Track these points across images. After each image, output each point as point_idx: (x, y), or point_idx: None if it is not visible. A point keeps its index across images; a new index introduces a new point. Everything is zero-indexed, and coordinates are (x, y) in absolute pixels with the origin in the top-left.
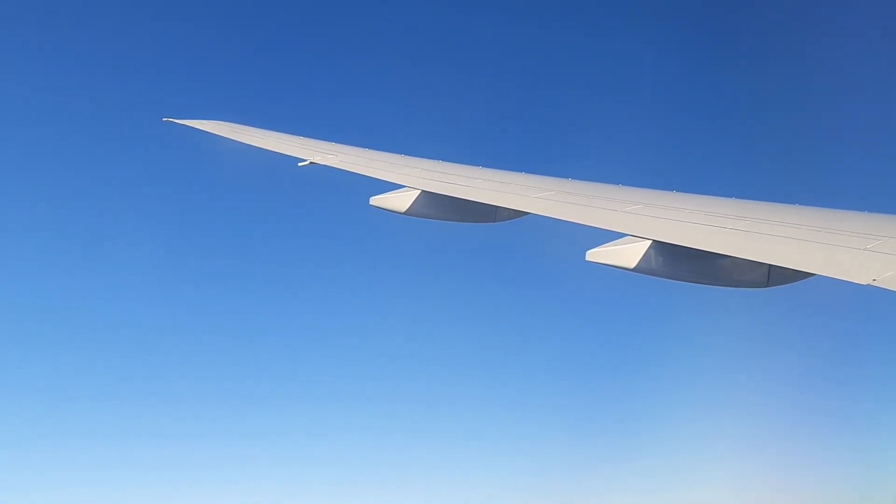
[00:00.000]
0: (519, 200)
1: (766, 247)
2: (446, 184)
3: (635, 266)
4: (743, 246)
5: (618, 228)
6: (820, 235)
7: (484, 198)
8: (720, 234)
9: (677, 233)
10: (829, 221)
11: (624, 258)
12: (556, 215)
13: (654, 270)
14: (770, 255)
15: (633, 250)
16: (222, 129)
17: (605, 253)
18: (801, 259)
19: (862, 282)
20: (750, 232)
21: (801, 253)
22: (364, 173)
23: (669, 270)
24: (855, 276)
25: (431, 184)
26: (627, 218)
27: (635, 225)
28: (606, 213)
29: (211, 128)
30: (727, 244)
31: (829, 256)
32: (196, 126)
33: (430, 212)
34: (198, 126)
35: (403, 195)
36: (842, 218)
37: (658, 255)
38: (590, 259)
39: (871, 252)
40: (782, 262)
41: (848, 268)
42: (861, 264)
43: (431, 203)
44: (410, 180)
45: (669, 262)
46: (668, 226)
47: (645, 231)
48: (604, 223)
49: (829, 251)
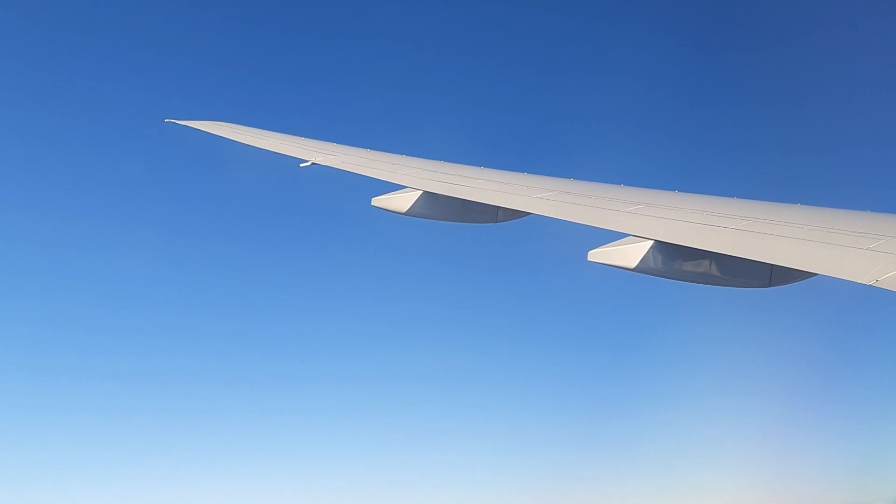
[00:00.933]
0: (520, 201)
1: (768, 247)
2: (448, 184)
3: (637, 266)
4: (745, 246)
5: (619, 229)
6: (822, 235)
7: (485, 198)
8: (722, 234)
9: (679, 233)
10: (832, 221)
11: (626, 258)
12: (557, 216)
13: (655, 271)
14: (772, 255)
15: (634, 250)
16: (224, 130)
17: (606, 253)
18: (803, 259)
19: (864, 282)
20: (752, 232)
21: (804, 253)
22: (365, 174)
23: (671, 271)
24: (857, 276)
25: (433, 184)
26: (629, 218)
27: (637, 225)
28: (608, 214)
29: (213, 129)
30: (729, 244)
31: (832, 256)
32: (198, 127)
33: (432, 212)
34: (200, 127)
35: (405, 196)
36: (844, 218)
37: (660, 256)
38: (591, 259)
39: (873, 252)
40: (784, 262)
41: (850, 268)
42: (863, 264)
43: (433, 203)
44: (412, 181)
45: (671, 263)
46: (669, 226)
47: (647, 231)
48: (605, 223)
49: (832, 251)
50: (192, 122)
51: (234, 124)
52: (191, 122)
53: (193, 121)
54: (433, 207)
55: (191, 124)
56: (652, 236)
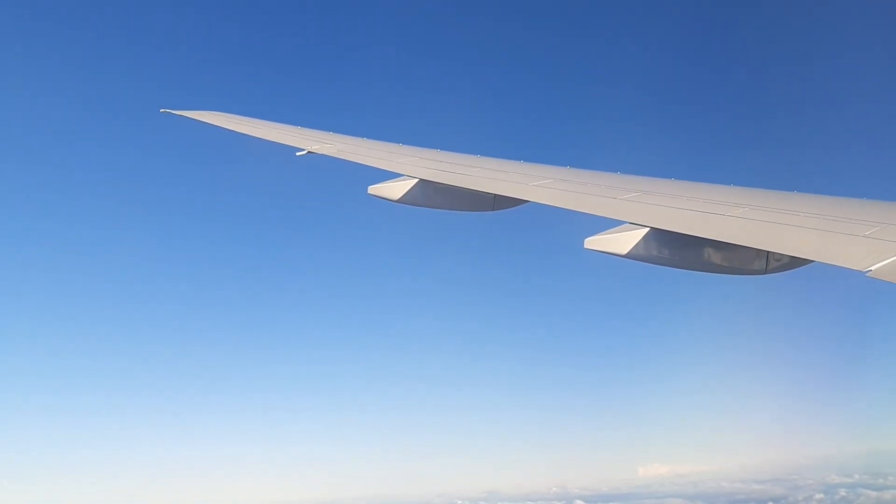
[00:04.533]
0: (517, 189)
1: (765, 234)
2: (444, 172)
3: (634, 253)
4: (741, 233)
5: (616, 216)
6: (818, 223)
7: (482, 186)
8: (718, 221)
9: (675, 220)
10: (828, 209)
11: (622, 245)
12: (554, 203)
13: (652, 258)
14: (768, 242)
15: (631, 238)
16: (220, 119)
17: (603, 240)
18: (799, 246)
19: (860, 269)
20: (748, 219)
21: (800, 240)
22: (362, 162)
23: (668, 258)
24: (853, 263)
25: (430, 172)
26: (625, 205)
27: (633, 212)
28: (604, 201)
29: (209, 118)
30: (725, 231)
31: (828, 244)
32: (194, 117)
33: (429, 200)
34: (195, 117)
35: (402, 184)
36: (840, 205)
37: (656, 243)
38: (588, 247)
39: (869, 239)
40: (780, 249)
41: (846, 255)
42: (859, 252)
43: (430, 192)
44: (408, 169)
45: (668, 250)
46: (665, 213)
47: (643, 219)
48: (602, 211)
49: (828, 238)
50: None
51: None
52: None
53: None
54: (430, 196)
55: (186, 114)
56: (648, 223)
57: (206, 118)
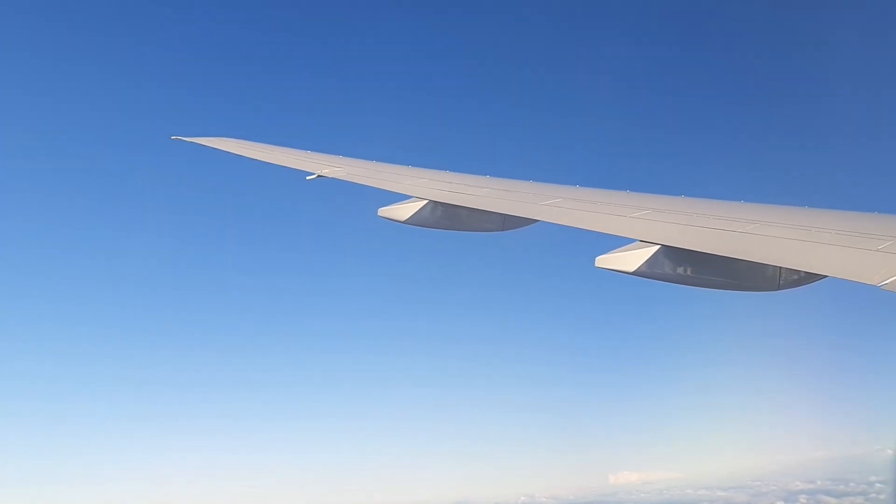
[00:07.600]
0: (527, 208)
1: (776, 249)
2: (454, 193)
3: (645, 271)
4: (753, 249)
5: (626, 234)
6: (830, 237)
7: (492, 206)
8: (729, 237)
9: (686, 237)
10: (839, 223)
11: (633, 264)
12: (564, 222)
13: (663, 275)
14: (780, 257)
15: (642, 256)
16: (230, 145)
17: (614, 259)
18: (811, 261)
19: (873, 283)
20: (759, 235)
21: (812, 255)
22: (372, 185)
23: (679, 275)
24: (866, 277)
25: (439, 194)
26: (636, 223)
27: (644, 230)
28: (614, 220)
29: (219, 144)
30: (737, 248)
31: (840, 258)
32: (204, 143)
33: (439, 221)
34: (206, 143)
35: (412, 206)
36: (852, 219)
37: (667, 260)
38: (599, 265)
39: (882, 253)
40: (793, 265)
41: (859, 269)
42: (872, 266)
43: (440, 213)
44: (418, 191)
45: (679, 267)
46: (676, 230)
47: (654, 236)
48: (612, 229)
49: (840, 253)
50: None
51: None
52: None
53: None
54: (440, 217)
55: (197, 140)
56: (659, 241)
57: (216, 144)
